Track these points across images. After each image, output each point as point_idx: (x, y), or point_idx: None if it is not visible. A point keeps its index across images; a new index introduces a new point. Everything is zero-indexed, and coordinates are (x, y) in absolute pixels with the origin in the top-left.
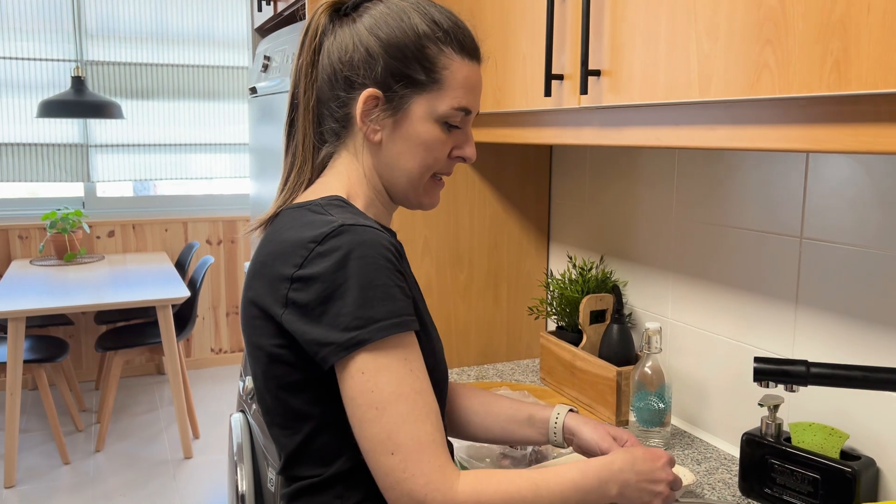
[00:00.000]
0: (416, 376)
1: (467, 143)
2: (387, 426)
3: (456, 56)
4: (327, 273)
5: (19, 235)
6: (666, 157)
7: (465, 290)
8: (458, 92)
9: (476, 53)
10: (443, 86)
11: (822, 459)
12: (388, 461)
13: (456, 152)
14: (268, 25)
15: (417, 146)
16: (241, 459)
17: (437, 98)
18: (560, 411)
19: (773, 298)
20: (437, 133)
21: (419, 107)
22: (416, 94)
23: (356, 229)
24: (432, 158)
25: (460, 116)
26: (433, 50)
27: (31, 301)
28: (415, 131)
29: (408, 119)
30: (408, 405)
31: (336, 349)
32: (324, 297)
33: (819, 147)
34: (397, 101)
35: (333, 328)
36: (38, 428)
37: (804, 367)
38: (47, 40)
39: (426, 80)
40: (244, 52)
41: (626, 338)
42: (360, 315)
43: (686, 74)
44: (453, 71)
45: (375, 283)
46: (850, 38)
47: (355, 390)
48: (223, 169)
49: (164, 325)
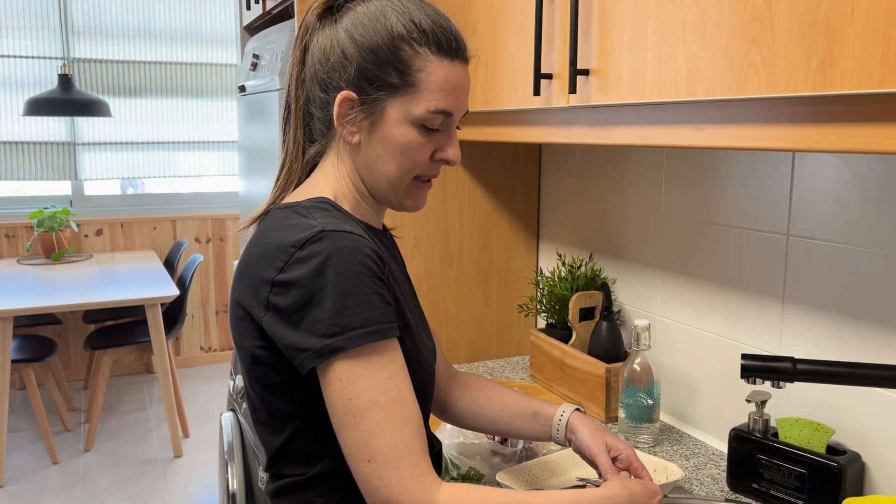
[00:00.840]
0: (394, 384)
1: (450, 145)
2: (364, 434)
3: (433, 57)
4: (306, 279)
5: (6, 234)
6: (654, 155)
7: (455, 288)
8: (435, 94)
9: (458, 53)
10: (417, 88)
11: (809, 454)
12: (366, 468)
13: (438, 155)
14: (256, 24)
15: (394, 149)
16: (231, 458)
17: (412, 101)
18: (566, 409)
19: (760, 295)
20: (413, 136)
21: (394, 110)
22: (390, 97)
23: (336, 235)
24: (411, 162)
25: (439, 119)
26: (408, 52)
27: (18, 300)
28: (391, 134)
29: (383, 122)
30: (385, 413)
31: (312, 355)
32: (302, 302)
33: (805, 146)
34: (371, 104)
35: (311, 334)
36: (27, 428)
37: (791, 363)
38: (34, 37)
39: (400, 84)
40: (233, 49)
41: (615, 335)
42: (336, 322)
43: (673, 74)
44: (429, 73)
45: (353, 290)
46: (834, 38)
47: (334, 397)
48: (212, 167)
49: (153, 324)
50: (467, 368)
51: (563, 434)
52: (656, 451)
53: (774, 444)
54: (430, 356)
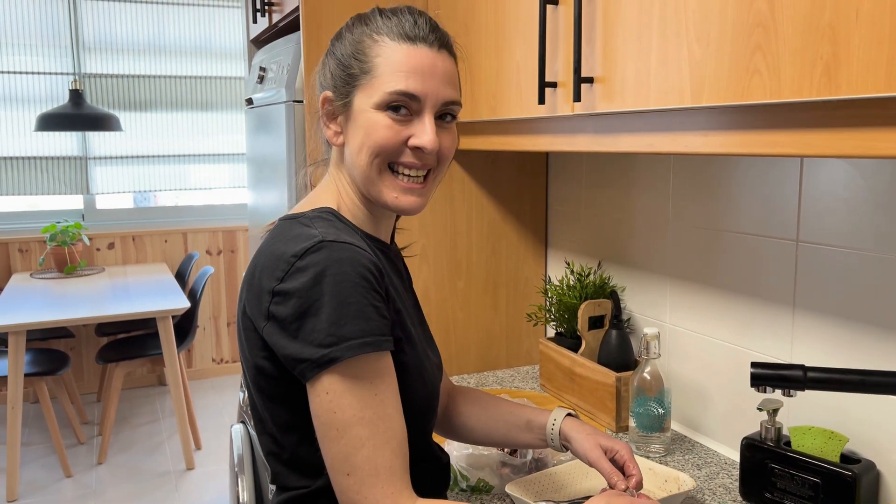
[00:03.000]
0: (380, 400)
1: (422, 131)
2: (345, 448)
3: (390, 42)
4: (303, 289)
5: (19, 249)
6: (661, 162)
7: (463, 297)
8: (393, 76)
9: (420, 37)
10: (375, 73)
11: (823, 463)
12: (345, 481)
13: (411, 141)
14: (263, 37)
15: (364, 137)
16: (241, 470)
17: (371, 86)
18: (556, 417)
19: (770, 302)
20: (380, 118)
21: (359, 100)
22: (355, 89)
23: (335, 246)
24: (375, 146)
25: (404, 101)
26: (367, 42)
27: (31, 314)
28: (360, 123)
29: (353, 114)
30: (368, 430)
31: (311, 365)
32: (300, 312)
33: (811, 152)
34: (343, 99)
35: (308, 344)
36: (40, 441)
37: (801, 371)
38: (45, 54)
39: (359, 72)
40: (240, 62)
41: (624, 343)
42: (332, 332)
43: (678, 81)
44: (386, 56)
45: (349, 300)
46: (839, 43)
47: (320, 408)
48: (222, 179)
49: (165, 336)
50: (477, 378)
51: (557, 442)
52: (667, 460)
53: (787, 452)
54: (435, 370)
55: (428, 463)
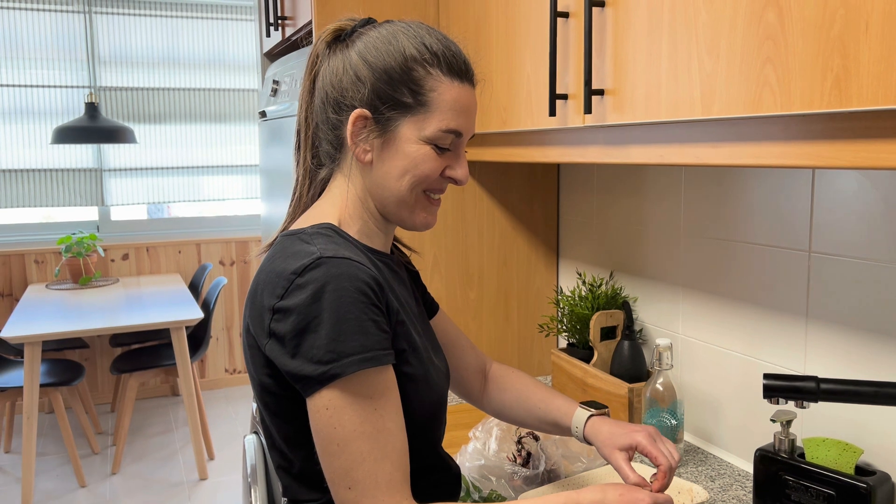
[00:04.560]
0: (380, 415)
1: (459, 165)
2: (346, 462)
3: (444, 78)
4: (302, 305)
5: (35, 260)
6: (673, 173)
7: (475, 308)
8: (447, 114)
9: (467, 76)
10: (430, 108)
11: (837, 475)
12: (346, 494)
13: (447, 173)
14: (276, 50)
15: (407, 165)
16: (254, 481)
17: (424, 120)
18: (578, 425)
19: (783, 313)
20: (426, 152)
21: (406, 129)
22: (402, 117)
23: (334, 262)
24: (421, 177)
25: (450, 139)
26: (420, 73)
27: (47, 325)
28: (404, 152)
29: (395, 140)
30: (368, 444)
31: (312, 382)
32: (299, 329)
33: (821, 163)
34: (385, 123)
35: (308, 361)
36: (55, 451)
37: (814, 383)
38: (61, 68)
39: (413, 103)
40: (254, 75)
41: (637, 354)
42: (332, 349)
43: (688, 93)
44: (441, 93)
45: (348, 316)
46: (849, 55)
47: (320, 424)
48: (235, 190)
49: (178, 347)
50: None
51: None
52: (680, 472)
53: (801, 464)
54: (442, 378)
55: (437, 473)
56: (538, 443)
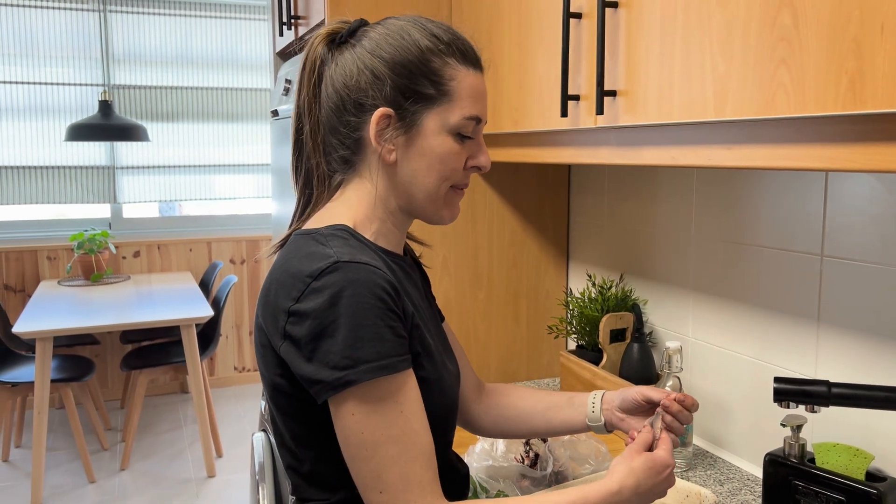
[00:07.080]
0: (405, 417)
1: (480, 151)
2: (376, 467)
3: (460, 66)
4: (319, 310)
5: (47, 256)
6: (685, 175)
7: (484, 309)
8: (467, 101)
9: (478, 62)
10: (452, 97)
11: (847, 481)
12: (378, 498)
13: (471, 162)
14: (289, 49)
15: (433, 160)
16: (262, 479)
17: (448, 110)
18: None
19: (794, 317)
20: (451, 145)
21: (431, 121)
22: (426, 109)
23: (351, 266)
24: (449, 170)
25: (472, 126)
26: (437, 63)
27: (58, 321)
28: (429, 146)
29: (421, 134)
30: (397, 447)
31: (326, 387)
32: (315, 333)
33: (835, 166)
34: (409, 118)
35: (323, 366)
36: (65, 447)
37: (825, 387)
38: (76, 66)
39: (435, 94)
40: (266, 74)
41: (646, 357)
42: (348, 355)
43: (701, 94)
44: (460, 81)
45: (365, 322)
46: (864, 57)
47: (347, 430)
48: (246, 189)
49: (188, 344)
50: None
51: (598, 411)
52: (689, 475)
53: (811, 469)
54: (454, 381)
55: (447, 475)
56: (546, 444)
